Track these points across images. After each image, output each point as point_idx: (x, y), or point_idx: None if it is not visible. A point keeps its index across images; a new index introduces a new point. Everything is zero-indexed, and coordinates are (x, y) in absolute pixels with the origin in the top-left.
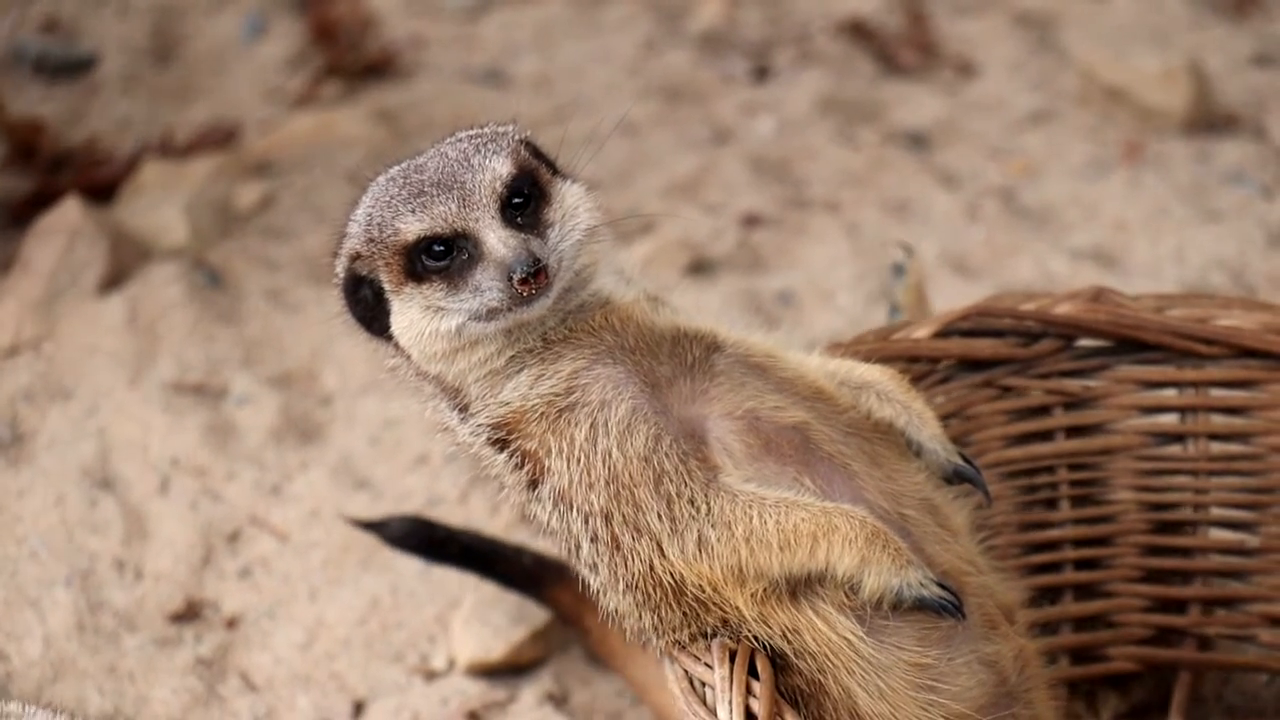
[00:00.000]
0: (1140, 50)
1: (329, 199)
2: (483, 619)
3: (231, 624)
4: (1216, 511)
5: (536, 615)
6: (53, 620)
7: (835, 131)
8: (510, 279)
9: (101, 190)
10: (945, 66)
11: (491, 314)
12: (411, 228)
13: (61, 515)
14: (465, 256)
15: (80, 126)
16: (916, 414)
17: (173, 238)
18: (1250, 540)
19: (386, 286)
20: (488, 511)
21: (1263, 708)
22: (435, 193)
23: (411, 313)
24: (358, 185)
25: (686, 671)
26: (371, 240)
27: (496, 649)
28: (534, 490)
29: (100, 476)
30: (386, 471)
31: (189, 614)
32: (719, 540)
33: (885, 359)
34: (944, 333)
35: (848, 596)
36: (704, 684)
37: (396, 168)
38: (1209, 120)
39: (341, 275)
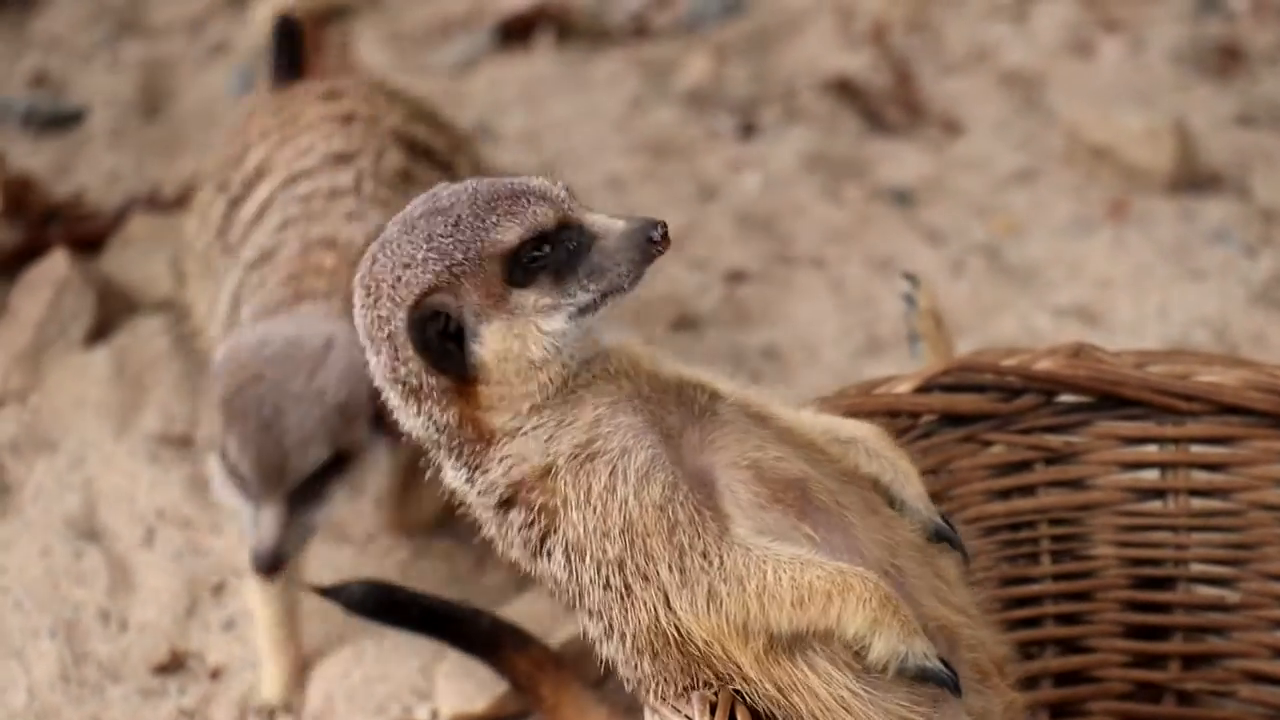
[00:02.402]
0: (1126, 109)
1: None
2: (466, 671)
3: (215, 675)
4: (1197, 567)
5: None
6: (37, 671)
7: (821, 188)
8: (647, 236)
9: (90, 243)
10: (931, 124)
11: (613, 291)
12: (510, 232)
13: (47, 566)
14: (571, 247)
15: (68, 180)
16: (902, 472)
17: (160, 290)
18: (1230, 596)
19: (480, 305)
20: (471, 564)
21: None
22: (523, 196)
23: (519, 323)
24: None
25: None
26: (454, 264)
27: (480, 702)
28: (544, 543)
29: (85, 528)
30: (370, 525)
31: (173, 665)
32: (729, 595)
33: (867, 413)
34: (925, 388)
35: (847, 655)
36: None
37: (420, 205)
38: (1193, 179)
39: (405, 321)
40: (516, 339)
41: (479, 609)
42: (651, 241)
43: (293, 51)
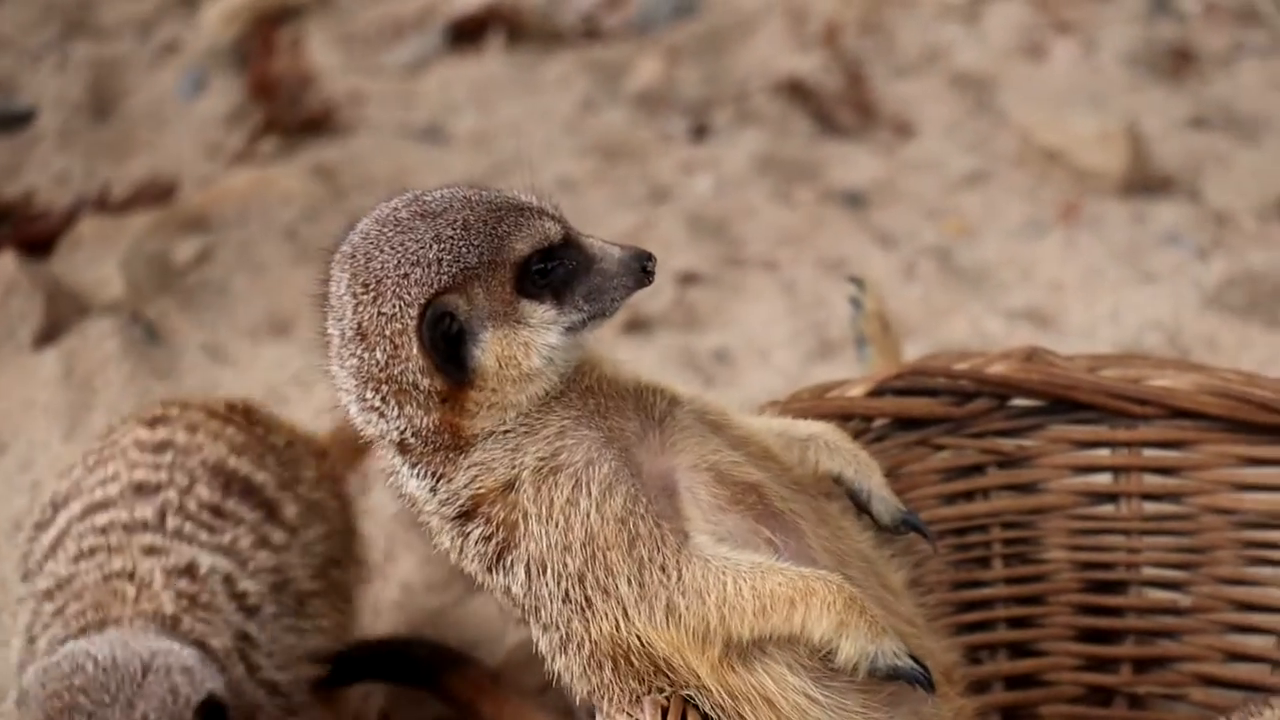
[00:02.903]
0: (1078, 112)
1: (266, 254)
2: None
3: None
4: (1149, 571)
5: None
6: None
7: (773, 190)
8: (642, 265)
9: (38, 244)
10: (883, 127)
11: (603, 314)
12: (523, 242)
13: None
14: (572, 265)
15: (17, 181)
16: (864, 463)
17: (109, 292)
18: (1182, 600)
19: (488, 311)
20: (419, 562)
21: None
22: (527, 210)
23: (524, 332)
24: (296, 242)
25: None
26: (467, 268)
27: None
28: (502, 557)
29: None
30: None
31: None
32: (688, 609)
33: (820, 417)
34: (878, 391)
35: (810, 660)
36: None
37: (400, 205)
38: (1145, 182)
39: (415, 319)
40: (520, 347)
41: (415, 637)
42: (645, 272)
43: None
